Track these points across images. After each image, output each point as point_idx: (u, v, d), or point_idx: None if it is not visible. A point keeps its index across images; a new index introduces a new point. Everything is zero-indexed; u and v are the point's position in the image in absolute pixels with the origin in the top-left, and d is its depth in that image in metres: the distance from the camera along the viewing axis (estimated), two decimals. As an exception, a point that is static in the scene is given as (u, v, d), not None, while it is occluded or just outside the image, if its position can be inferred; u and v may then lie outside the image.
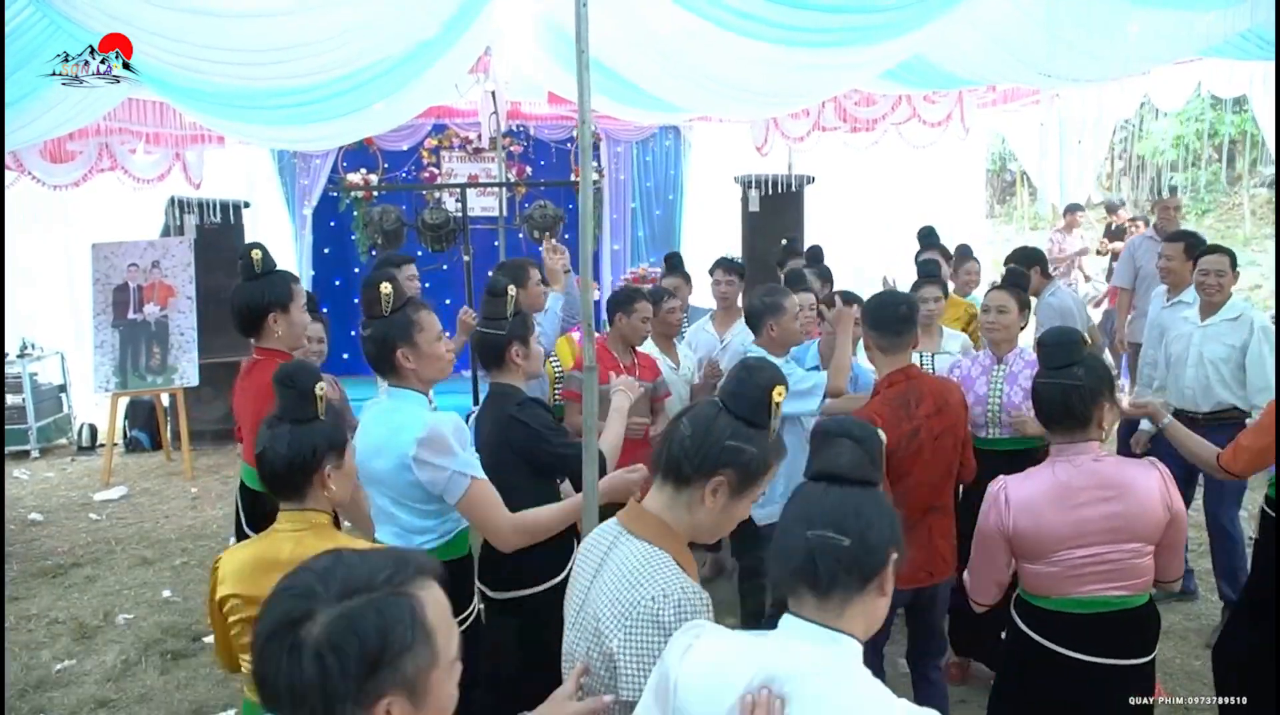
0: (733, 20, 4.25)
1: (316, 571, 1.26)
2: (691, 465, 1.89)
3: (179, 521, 7.44)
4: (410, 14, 4.40)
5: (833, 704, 1.57)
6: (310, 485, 2.30)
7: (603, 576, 1.94)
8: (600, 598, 1.91)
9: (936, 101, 9.55)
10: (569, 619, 2.02)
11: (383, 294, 2.92)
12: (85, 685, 4.86)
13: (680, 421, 1.96)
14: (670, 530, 1.93)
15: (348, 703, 1.17)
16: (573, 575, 2.06)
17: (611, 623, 1.86)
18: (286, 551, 2.25)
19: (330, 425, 2.32)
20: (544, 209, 7.36)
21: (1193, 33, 4.69)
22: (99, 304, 8.87)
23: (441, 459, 2.77)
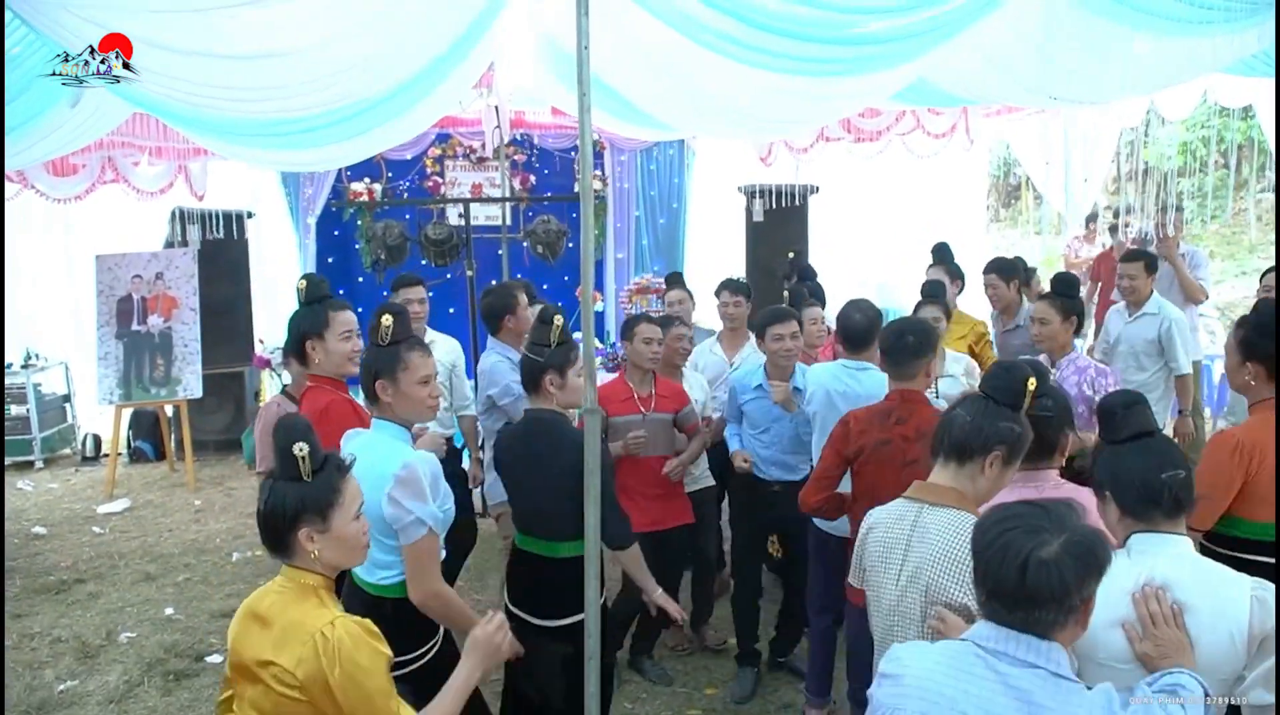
0: (732, 49, 4.24)
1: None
2: (975, 443, 2.43)
3: (182, 535, 7.44)
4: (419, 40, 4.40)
5: (1203, 581, 2.18)
6: (291, 545, 2.26)
7: (922, 543, 2.41)
8: (926, 559, 2.39)
9: (941, 112, 9.51)
10: (889, 582, 2.46)
11: (382, 325, 3.02)
12: (88, 706, 4.86)
13: (956, 411, 2.49)
14: (965, 497, 2.45)
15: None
16: (875, 549, 2.51)
17: (948, 579, 2.34)
18: (265, 605, 2.26)
19: (310, 487, 2.24)
20: (548, 224, 7.37)
21: (1198, 57, 4.67)
22: (103, 315, 8.89)
23: (410, 502, 2.83)
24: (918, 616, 2.39)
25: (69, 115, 5.01)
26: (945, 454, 2.49)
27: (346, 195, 10.83)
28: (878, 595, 2.50)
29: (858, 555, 2.63)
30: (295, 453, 2.22)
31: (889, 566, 2.47)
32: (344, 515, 2.28)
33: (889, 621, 2.47)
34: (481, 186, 11.23)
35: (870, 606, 2.57)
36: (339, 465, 2.31)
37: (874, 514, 2.60)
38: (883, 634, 2.49)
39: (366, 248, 9.59)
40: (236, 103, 4.57)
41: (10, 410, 9.58)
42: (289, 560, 2.28)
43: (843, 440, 3.62)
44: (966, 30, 4.10)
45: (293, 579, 2.27)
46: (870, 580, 2.54)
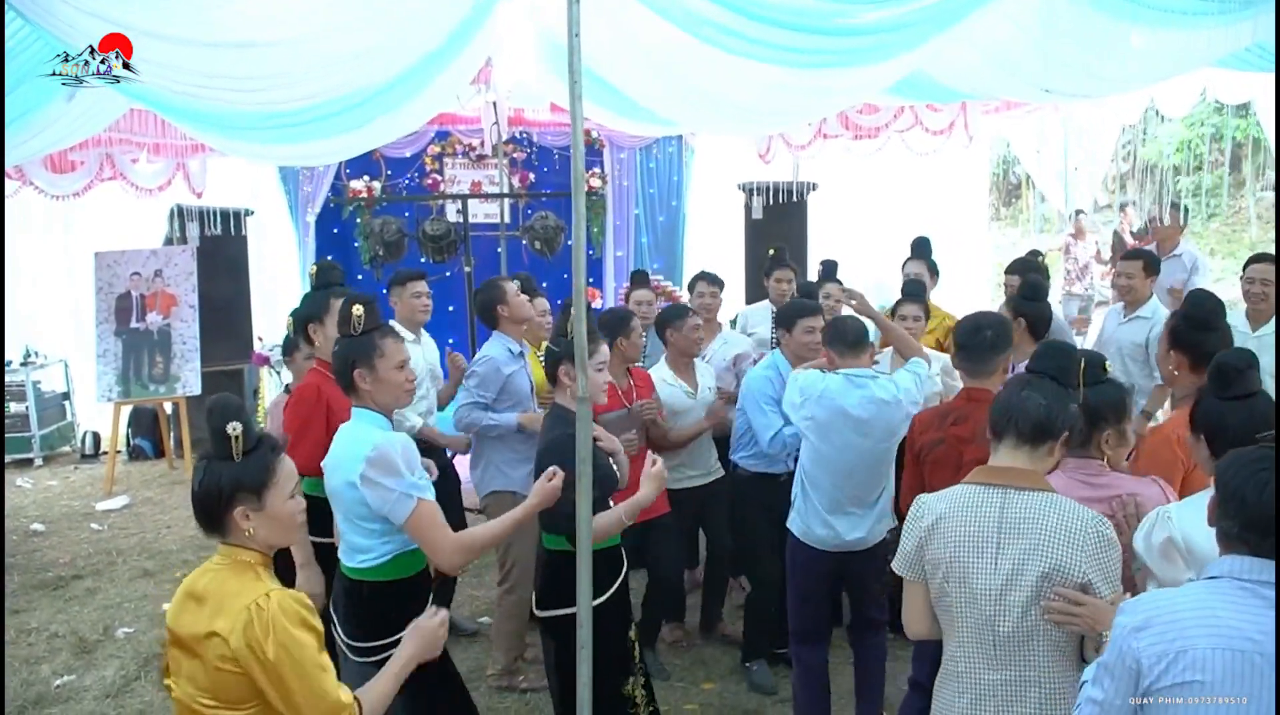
0: (729, 41, 4.23)
1: None
2: (1054, 426, 2.45)
3: (181, 532, 7.44)
4: (412, 37, 4.40)
5: None
6: (226, 524, 2.28)
7: (1025, 528, 2.38)
8: (1040, 544, 2.36)
9: (940, 109, 9.51)
10: (984, 571, 2.41)
11: (354, 315, 3.07)
12: (84, 701, 4.87)
13: (1028, 395, 2.46)
14: (1044, 478, 2.49)
15: None
16: (954, 539, 2.44)
17: (1081, 557, 2.35)
18: (202, 584, 2.29)
19: (243, 467, 2.26)
20: (545, 220, 7.37)
21: (1193, 50, 4.66)
22: (102, 313, 8.89)
23: (388, 480, 2.87)
24: (1027, 601, 2.36)
25: (66, 109, 5.01)
26: (1018, 437, 2.46)
27: (346, 193, 10.83)
28: (965, 585, 2.43)
29: (916, 547, 2.53)
30: (229, 432, 2.24)
31: (982, 555, 2.41)
32: (278, 494, 2.31)
33: (986, 611, 2.40)
34: (481, 184, 11.23)
35: (947, 599, 2.49)
36: (273, 446, 2.34)
37: (935, 504, 2.53)
38: (977, 624, 2.43)
39: (365, 245, 9.59)
40: (232, 93, 4.57)
41: (10, 408, 9.58)
42: (224, 538, 2.30)
43: (910, 441, 3.64)
44: (961, 22, 4.10)
45: (228, 556, 2.29)
46: (952, 572, 2.45)
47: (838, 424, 3.91)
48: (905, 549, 2.57)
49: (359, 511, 2.95)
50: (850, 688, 4.42)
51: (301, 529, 3.07)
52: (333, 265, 4.37)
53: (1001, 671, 2.41)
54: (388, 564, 3.04)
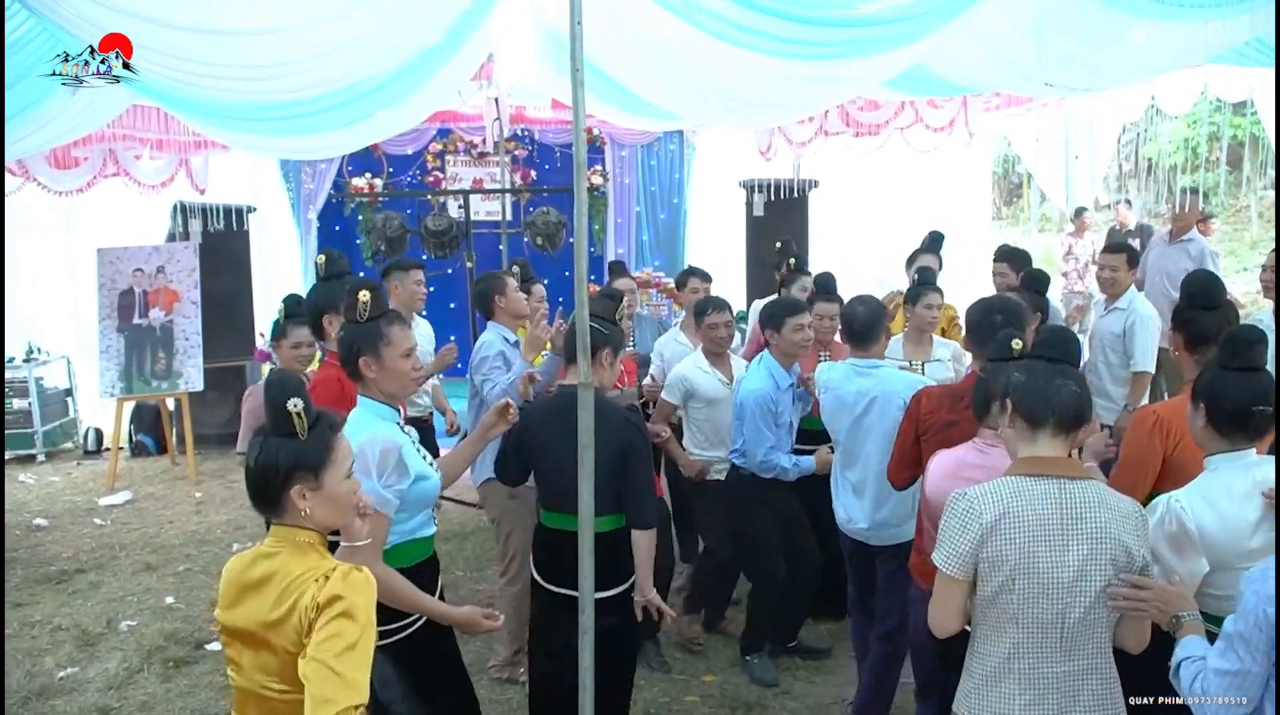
0: (729, 32, 4.25)
1: None
2: (1088, 412, 2.49)
3: (183, 527, 7.46)
4: (413, 24, 4.41)
5: None
6: (283, 502, 2.20)
7: (1090, 518, 2.38)
8: (1106, 532, 2.37)
9: (941, 106, 9.51)
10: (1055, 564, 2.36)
11: (360, 301, 2.97)
12: (88, 693, 4.88)
13: (1063, 383, 2.46)
14: (1085, 467, 2.54)
15: None
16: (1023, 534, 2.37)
17: (1141, 543, 2.40)
18: (259, 570, 2.20)
19: (304, 444, 2.20)
20: (547, 216, 7.39)
21: (1191, 44, 4.67)
22: (104, 309, 8.91)
23: (360, 476, 2.73)
24: (1098, 589, 2.36)
25: (68, 103, 5.03)
26: (1058, 427, 2.45)
27: (348, 189, 10.87)
28: (1035, 579, 2.38)
29: (975, 544, 2.42)
30: (290, 409, 2.17)
31: (1051, 548, 2.37)
32: (336, 473, 2.25)
33: (1058, 603, 2.37)
34: (482, 181, 11.27)
35: (1008, 595, 2.41)
36: (331, 423, 2.28)
37: (991, 500, 2.43)
38: (1045, 617, 2.39)
39: (367, 241, 9.61)
40: (234, 81, 4.58)
41: (12, 404, 9.60)
42: (279, 519, 2.23)
43: (914, 417, 3.62)
44: (962, 14, 4.12)
45: (285, 537, 2.21)
46: (1021, 567, 2.38)
47: (839, 411, 4.05)
48: (959, 547, 2.45)
49: None
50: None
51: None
52: (340, 255, 4.33)
53: (1069, 662, 2.41)
54: (390, 552, 2.99)
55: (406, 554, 3.05)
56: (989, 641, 2.47)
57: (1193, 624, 2.36)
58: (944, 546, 2.48)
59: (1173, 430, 3.13)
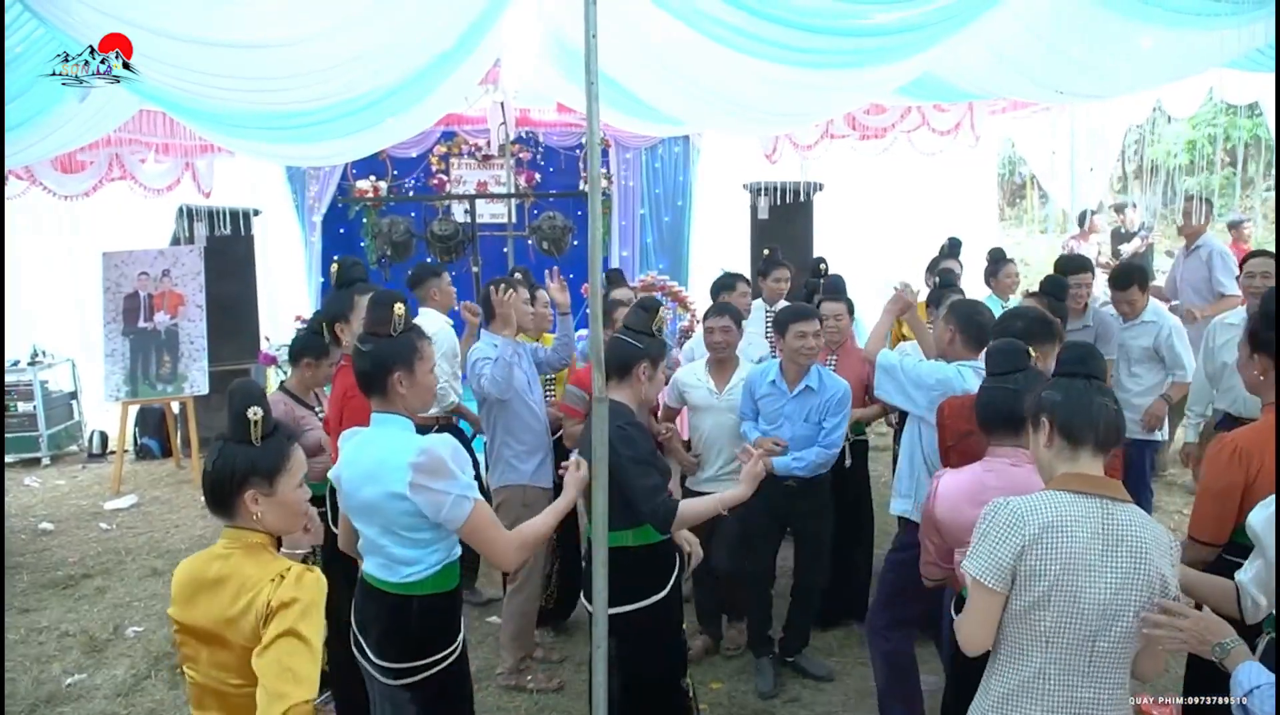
0: (740, 40, 4.23)
1: None
2: (1123, 430, 2.45)
3: (189, 531, 7.45)
4: (423, 35, 4.40)
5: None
6: (235, 506, 2.31)
7: (1130, 538, 2.32)
8: (1144, 555, 2.32)
9: (947, 109, 9.52)
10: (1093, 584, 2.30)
11: (396, 315, 2.88)
12: (95, 700, 4.87)
13: (1103, 402, 2.41)
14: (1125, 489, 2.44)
15: None
16: (1064, 551, 2.30)
17: (1165, 569, 2.33)
18: (214, 570, 2.29)
19: (260, 451, 2.31)
20: (553, 220, 7.37)
21: (1206, 50, 4.65)
22: (109, 312, 8.91)
23: (441, 483, 2.72)
24: (1132, 613, 2.30)
25: (77, 110, 5.02)
26: (1098, 446, 2.41)
27: (352, 193, 10.86)
28: (1073, 599, 2.31)
29: (1015, 555, 2.34)
30: (249, 417, 2.28)
31: (1091, 568, 2.30)
32: (289, 481, 2.36)
33: (1091, 625, 2.31)
34: (487, 184, 11.26)
35: (1041, 611, 2.34)
36: (288, 434, 2.41)
37: (1035, 511, 2.35)
38: (1077, 639, 2.33)
39: (372, 244, 9.61)
40: (242, 93, 4.58)
41: (17, 407, 9.62)
42: (231, 521, 2.33)
43: (939, 426, 3.60)
44: (973, 23, 4.10)
45: (237, 539, 2.32)
46: (1061, 584, 2.30)
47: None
48: (999, 556, 2.35)
49: (405, 522, 2.78)
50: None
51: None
52: (355, 262, 4.28)
53: (1093, 688, 2.35)
54: (439, 574, 2.88)
55: (448, 578, 2.95)
56: (1013, 659, 2.40)
57: (1241, 650, 2.30)
58: (981, 555, 2.39)
59: (1253, 458, 3.00)
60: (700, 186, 11.85)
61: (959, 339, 3.97)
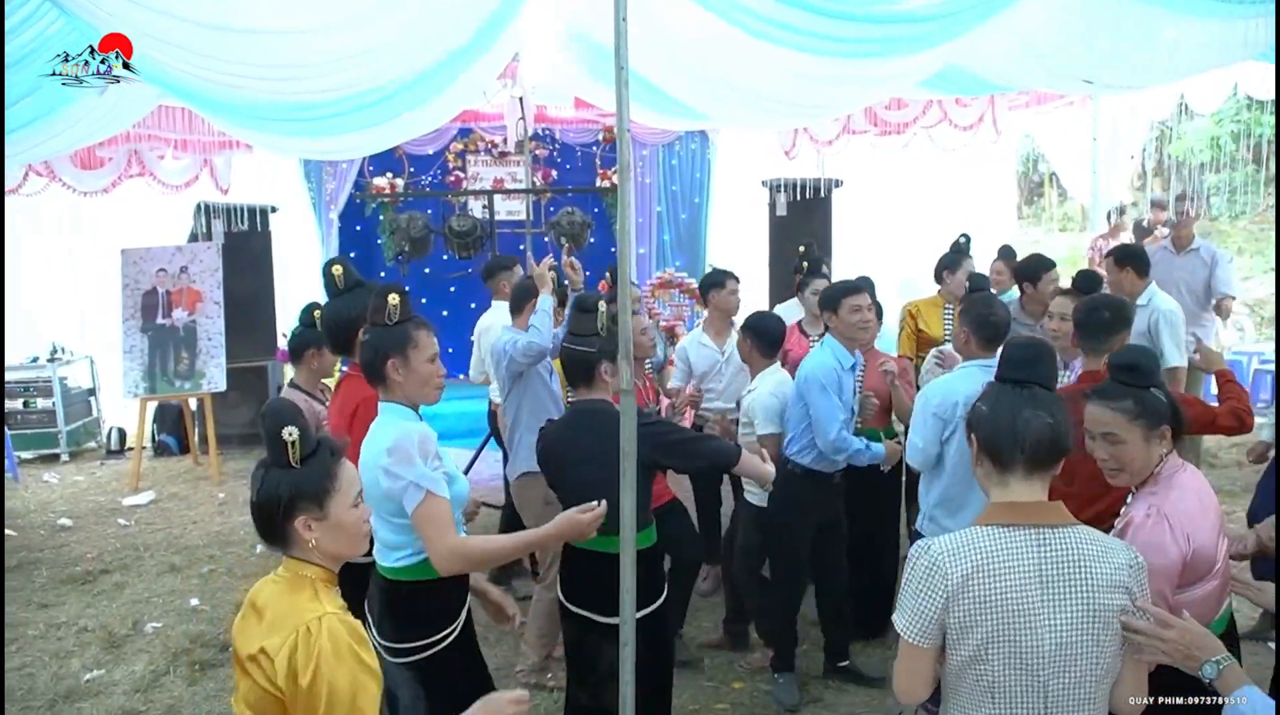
0: (763, 28, 4.18)
1: None
2: (1066, 446, 2.13)
3: (206, 527, 7.45)
4: (442, 26, 4.37)
5: None
6: (288, 535, 2.14)
7: (1068, 570, 2.06)
8: (1077, 592, 2.05)
9: (968, 104, 9.44)
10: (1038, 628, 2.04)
11: (390, 304, 2.93)
12: (114, 696, 4.86)
13: (1031, 414, 2.11)
14: (1066, 510, 2.14)
15: None
16: (1001, 596, 2.05)
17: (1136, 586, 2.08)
18: (263, 596, 2.17)
19: (303, 473, 2.13)
20: (571, 216, 7.34)
21: (1232, 40, 4.58)
22: (128, 309, 8.92)
23: (402, 468, 2.77)
24: (1089, 658, 2.05)
25: (95, 103, 5.01)
26: (1028, 466, 2.13)
27: (369, 189, 10.85)
28: (1014, 648, 2.05)
29: (939, 609, 2.09)
30: (284, 437, 2.11)
31: (1030, 613, 2.04)
32: (341, 501, 2.17)
33: (1040, 675, 2.06)
34: (503, 181, 11.24)
35: (984, 665, 2.08)
36: (332, 449, 2.20)
37: (956, 557, 2.09)
38: (1025, 690, 2.07)
39: (389, 241, 9.62)
40: (261, 82, 4.55)
41: (36, 403, 9.71)
42: (286, 551, 2.17)
43: None
44: (1002, 11, 4.04)
45: (290, 570, 2.16)
46: (997, 636, 2.05)
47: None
48: (922, 610, 2.09)
49: (388, 507, 2.84)
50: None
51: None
52: (349, 264, 3.89)
53: None
54: (425, 561, 2.90)
55: (425, 572, 2.93)
56: (963, 712, 2.16)
57: (1235, 670, 2.08)
58: (905, 610, 2.13)
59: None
60: (718, 183, 11.81)
61: (974, 340, 3.91)
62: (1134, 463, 2.58)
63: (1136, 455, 2.57)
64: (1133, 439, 2.55)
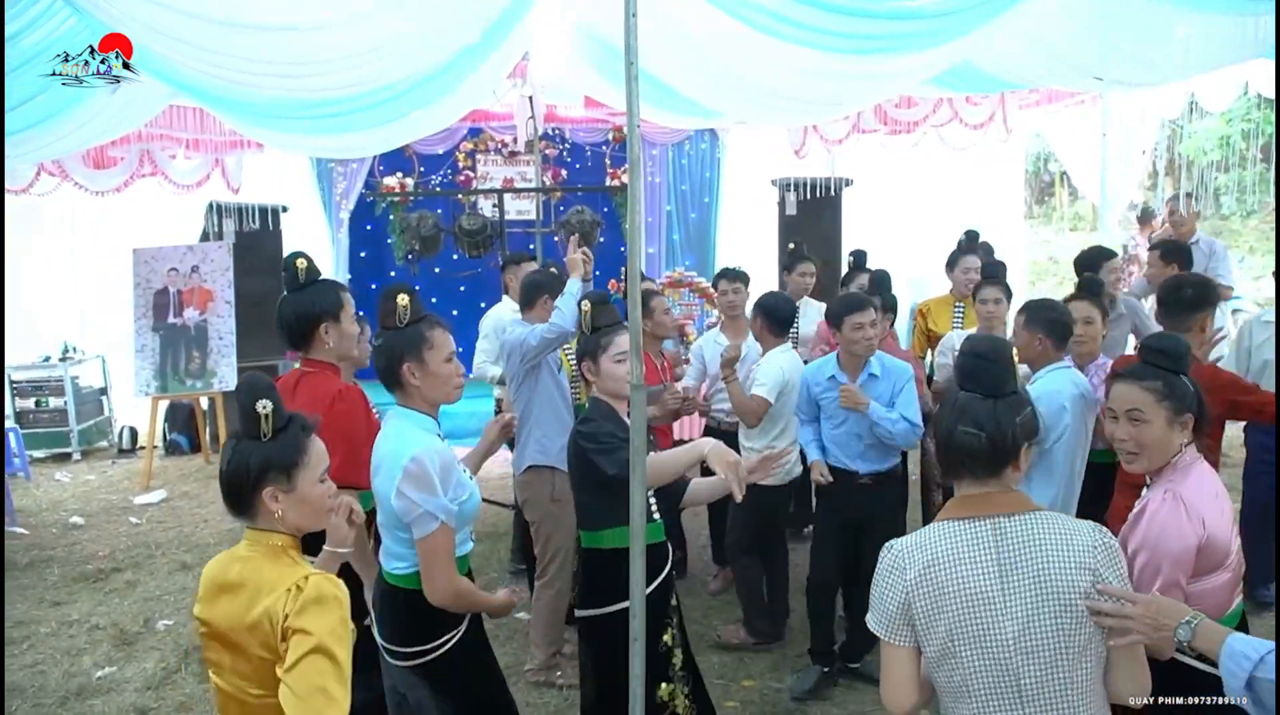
0: (772, 24, 4.17)
1: None
2: (1011, 443, 2.10)
3: (217, 526, 7.47)
4: (451, 24, 4.37)
5: None
6: (254, 505, 2.20)
7: (1026, 557, 2.08)
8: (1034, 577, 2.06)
9: (978, 103, 9.42)
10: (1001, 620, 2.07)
11: (400, 305, 2.86)
12: (126, 693, 4.88)
13: (966, 430, 2.11)
14: (1027, 498, 2.16)
15: None
16: (957, 586, 2.08)
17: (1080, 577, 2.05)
18: (234, 572, 2.20)
19: (274, 446, 2.19)
20: (581, 215, 7.35)
21: (1244, 38, 4.56)
22: (139, 308, 8.96)
23: (419, 494, 2.72)
24: (1053, 644, 2.05)
25: (107, 102, 5.03)
26: (971, 477, 2.17)
27: (379, 189, 10.88)
28: (977, 640, 2.07)
29: (901, 604, 2.14)
30: (258, 410, 2.17)
31: (989, 601, 2.07)
32: (309, 476, 2.24)
33: (1008, 665, 2.07)
34: (513, 180, 11.25)
35: (954, 659, 2.10)
36: (303, 424, 2.27)
37: (914, 551, 2.15)
38: (996, 681, 2.08)
39: (399, 241, 9.63)
40: (271, 78, 4.55)
41: (49, 402, 9.78)
42: (251, 522, 2.23)
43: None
44: (1013, 8, 4.03)
45: (259, 541, 2.22)
46: (959, 628, 2.08)
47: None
48: (885, 607, 2.16)
49: (395, 520, 2.82)
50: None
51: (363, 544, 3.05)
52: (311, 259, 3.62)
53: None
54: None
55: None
56: (951, 712, 2.18)
57: (1210, 625, 2.09)
58: (873, 606, 2.20)
59: None
60: (727, 182, 11.79)
61: (1048, 344, 3.89)
62: (1153, 447, 2.60)
63: (1157, 438, 2.58)
64: (1157, 420, 2.57)
